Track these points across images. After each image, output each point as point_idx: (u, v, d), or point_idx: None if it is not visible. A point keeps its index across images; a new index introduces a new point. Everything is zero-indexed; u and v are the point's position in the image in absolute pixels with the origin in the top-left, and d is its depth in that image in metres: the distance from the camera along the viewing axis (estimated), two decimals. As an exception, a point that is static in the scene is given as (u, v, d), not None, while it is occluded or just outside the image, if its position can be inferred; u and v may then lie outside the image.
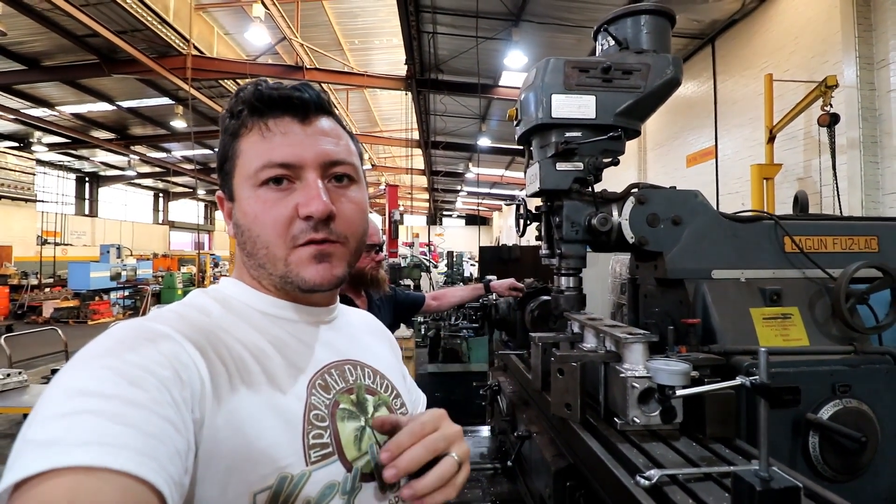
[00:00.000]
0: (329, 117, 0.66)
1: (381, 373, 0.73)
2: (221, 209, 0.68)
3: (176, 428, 0.44)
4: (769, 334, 1.31)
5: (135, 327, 0.52)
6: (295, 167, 0.60)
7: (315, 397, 0.60)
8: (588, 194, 1.41)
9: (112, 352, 0.47)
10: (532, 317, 1.93)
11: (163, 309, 0.60)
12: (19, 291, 13.20)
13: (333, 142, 0.64)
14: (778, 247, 1.42)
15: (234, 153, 0.63)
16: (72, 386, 0.43)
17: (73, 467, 0.37)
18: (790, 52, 6.48)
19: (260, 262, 0.62)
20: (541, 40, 8.19)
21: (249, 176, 0.61)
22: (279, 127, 0.61)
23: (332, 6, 10.11)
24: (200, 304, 0.62)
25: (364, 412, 0.65)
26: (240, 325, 0.61)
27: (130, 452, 0.39)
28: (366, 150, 17.54)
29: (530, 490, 1.39)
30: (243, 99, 0.63)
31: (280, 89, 0.62)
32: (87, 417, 0.40)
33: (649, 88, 1.38)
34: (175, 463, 0.43)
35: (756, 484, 0.64)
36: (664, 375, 0.87)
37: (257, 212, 0.60)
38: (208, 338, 0.56)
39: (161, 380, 0.46)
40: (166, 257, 20.10)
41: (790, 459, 1.15)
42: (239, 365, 0.56)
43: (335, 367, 0.66)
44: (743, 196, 7.15)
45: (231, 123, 0.64)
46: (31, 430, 0.40)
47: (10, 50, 9.80)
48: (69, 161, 19.49)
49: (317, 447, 0.57)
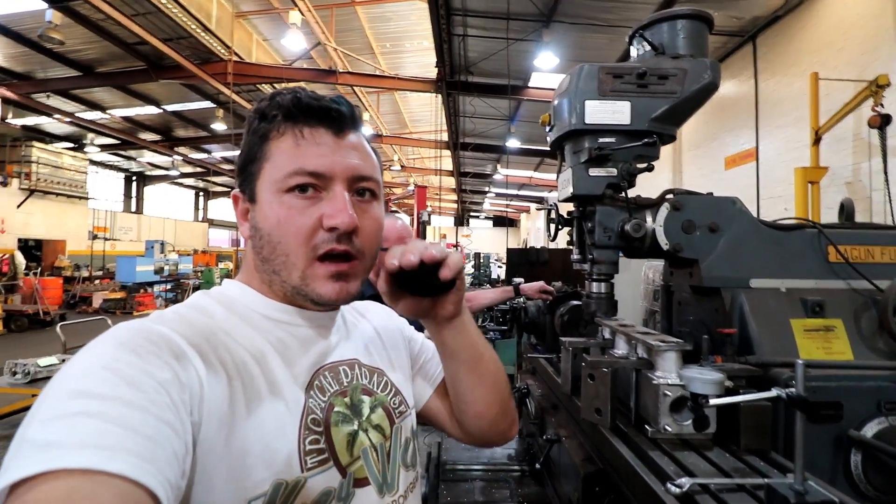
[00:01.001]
0: (359, 133, 0.66)
1: (380, 370, 0.73)
2: (235, 208, 0.67)
3: (174, 430, 0.44)
4: (810, 347, 1.27)
5: (135, 328, 0.51)
6: (324, 177, 0.60)
7: (312, 400, 0.60)
8: (621, 200, 1.40)
9: (112, 353, 0.46)
10: (562, 321, 1.93)
11: (165, 310, 0.60)
12: (72, 283, 14.08)
13: (362, 157, 0.64)
14: (821, 256, 1.37)
15: (262, 155, 0.62)
16: (71, 387, 0.42)
17: (70, 470, 0.37)
18: (838, 50, 6.16)
19: (275, 268, 0.61)
20: (572, 41, 8.08)
21: (277, 180, 0.60)
22: (314, 136, 0.61)
23: (365, 11, 10.28)
24: (203, 306, 0.62)
25: (358, 415, 0.65)
26: (242, 328, 0.60)
27: (127, 455, 0.39)
28: (395, 152, 17.74)
29: (558, 493, 1.39)
30: (279, 104, 0.62)
31: (320, 100, 0.62)
32: (85, 419, 0.40)
33: (686, 93, 1.37)
34: (172, 466, 0.42)
35: (790, 497, 0.64)
36: (698, 384, 0.87)
37: (281, 217, 0.60)
38: (209, 340, 0.55)
39: (160, 382, 0.46)
40: (205, 253, 20.96)
41: (831, 477, 1.11)
42: (240, 368, 0.55)
43: (329, 369, 0.65)
44: (786, 200, 6.85)
45: (262, 126, 0.63)
46: (30, 429, 0.40)
47: (68, 57, 10.44)
48: (118, 161, 20.58)
49: (313, 453, 0.57)
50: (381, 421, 0.67)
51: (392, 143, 16.16)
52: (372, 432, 0.65)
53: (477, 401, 0.75)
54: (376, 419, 0.67)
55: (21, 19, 9.09)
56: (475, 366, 0.74)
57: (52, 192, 14.02)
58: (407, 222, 2.08)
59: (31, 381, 4.31)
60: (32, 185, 13.18)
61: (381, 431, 0.67)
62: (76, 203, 15.43)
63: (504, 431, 0.81)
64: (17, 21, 9.19)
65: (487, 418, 0.77)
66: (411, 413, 0.75)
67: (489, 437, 0.81)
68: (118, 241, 19.36)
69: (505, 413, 0.79)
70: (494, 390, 0.76)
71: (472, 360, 0.73)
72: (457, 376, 0.75)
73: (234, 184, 0.68)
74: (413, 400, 0.77)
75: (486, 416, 0.77)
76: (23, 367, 4.35)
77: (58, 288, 12.65)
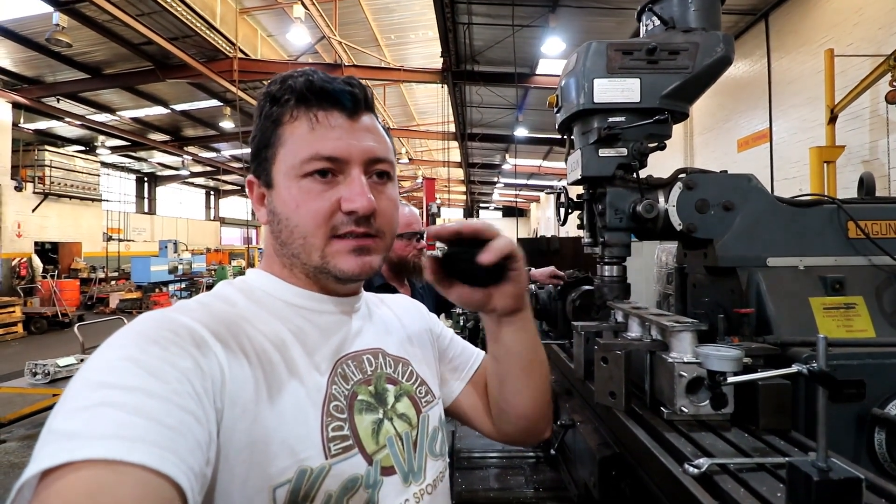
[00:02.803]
0: (372, 114, 0.66)
1: (405, 360, 0.72)
2: (250, 194, 0.67)
3: (197, 419, 0.44)
4: (831, 325, 1.24)
5: (157, 318, 0.51)
6: (341, 161, 0.60)
7: (335, 387, 0.60)
8: (633, 180, 1.37)
9: (133, 343, 0.47)
10: (573, 307, 1.91)
11: (189, 300, 0.60)
12: (89, 284, 14.35)
13: (377, 139, 0.64)
14: (841, 232, 1.33)
15: (276, 140, 0.61)
16: (94, 378, 0.43)
17: (93, 460, 0.37)
18: (853, 25, 5.98)
19: (294, 251, 0.62)
20: (579, 25, 7.95)
21: (294, 166, 0.60)
22: (328, 120, 0.61)
23: (369, 3, 10.22)
24: (225, 295, 0.62)
25: (383, 403, 0.64)
26: (262, 315, 0.60)
27: (149, 445, 0.39)
28: (403, 145, 17.71)
29: (574, 478, 1.39)
30: (292, 87, 0.61)
31: (333, 83, 0.62)
32: (108, 410, 0.40)
33: (698, 68, 1.33)
34: (196, 455, 0.42)
35: (813, 474, 0.62)
36: (715, 361, 0.85)
37: (299, 202, 0.60)
38: (230, 328, 0.55)
39: (182, 370, 0.46)
40: (218, 251, 21.19)
41: (854, 455, 1.09)
42: (260, 355, 0.55)
43: (353, 358, 0.64)
44: (801, 181, 6.71)
45: (274, 110, 0.62)
46: (56, 420, 0.40)
47: (76, 60, 10.54)
48: (129, 163, 20.84)
49: (336, 440, 0.56)
50: (406, 410, 0.66)
51: (399, 135, 16.11)
52: (397, 421, 0.64)
53: (523, 403, 0.74)
54: (402, 408, 0.66)
55: (28, 23, 9.18)
56: (529, 368, 0.72)
57: (65, 195, 14.22)
58: (416, 212, 2.07)
59: (52, 381, 4.41)
60: (46, 189, 13.38)
61: (408, 420, 0.66)
62: (90, 205, 15.64)
63: (541, 432, 0.80)
64: (24, 25, 9.29)
65: (530, 420, 0.76)
66: (438, 403, 0.73)
67: (525, 438, 0.80)
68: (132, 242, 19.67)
69: (546, 416, 0.78)
70: (541, 393, 0.75)
71: (527, 361, 0.72)
72: (507, 376, 0.73)
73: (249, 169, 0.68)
74: (439, 391, 0.75)
75: (530, 417, 0.75)
76: (43, 367, 4.45)
77: (75, 290, 12.90)
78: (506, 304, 0.67)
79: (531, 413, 0.75)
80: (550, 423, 0.82)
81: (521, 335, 0.71)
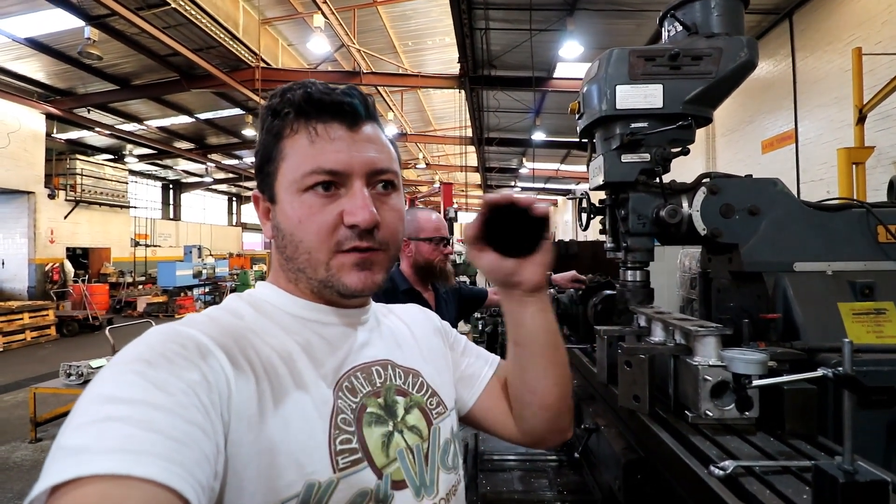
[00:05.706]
0: (374, 123, 0.65)
1: (415, 371, 0.70)
2: (256, 209, 0.67)
3: (204, 431, 0.44)
4: (860, 331, 1.22)
5: (164, 332, 0.51)
6: (342, 174, 0.59)
7: (342, 401, 0.59)
8: (656, 185, 1.38)
9: (141, 357, 0.47)
10: (595, 311, 1.91)
11: (198, 314, 0.60)
12: (117, 288, 14.81)
13: (379, 149, 0.63)
14: (870, 237, 1.32)
15: (277, 154, 0.61)
16: (102, 393, 0.43)
17: (100, 475, 0.37)
18: (882, 23, 5.81)
19: (299, 266, 0.61)
20: (597, 28, 7.91)
21: (295, 180, 0.59)
22: (328, 132, 0.60)
23: (387, 10, 10.36)
24: (234, 308, 0.62)
25: (393, 416, 0.63)
26: (270, 328, 0.60)
27: (156, 459, 0.39)
28: (420, 150, 17.82)
29: (598, 482, 1.39)
30: (290, 100, 0.60)
31: (331, 94, 0.61)
32: (115, 424, 0.40)
33: (722, 73, 1.33)
34: (203, 467, 0.42)
35: (839, 476, 0.62)
36: (740, 364, 0.86)
37: (301, 217, 0.59)
38: (238, 341, 0.55)
39: (188, 383, 0.46)
40: (240, 256, 21.61)
41: (884, 463, 1.08)
42: (267, 367, 0.55)
43: (361, 370, 0.64)
44: (828, 183, 6.53)
45: (275, 124, 0.62)
46: (64, 436, 0.40)
47: (106, 72, 10.96)
48: (156, 170, 21.47)
49: (345, 453, 0.55)
50: (416, 422, 0.65)
51: (417, 141, 16.24)
52: (408, 433, 0.63)
53: (546, 391, 0.73)
54: (412, 420, 0.65)
55: (61, 37, 9.58)
56: (552, 350, 0.73)
57: (96, 202, 14.73)
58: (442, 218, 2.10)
59: (85, 381, 4.58)
60: (78, 197, 13.90)
61: (418, 433, 0.65)
62: (119, 212, 16.16)
63: (564, 429, 0.79)
64: (57, 39, 9.70)
65: (554, 410, 0.75)
66: (451, 414, 0.72)
67: (548, 436, 0.78)
68: (158, 248, 20.21)
69: (569, 408, 0.78)
70: (563, 381, 0.75)
71: (548, 345, 0.72)
72: (528, 362, 0.73)
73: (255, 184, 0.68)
74: (453, 402, 0.74)
75: (553, 408, 0.74)
76: (76, 368, 4.63)
77: (104, 294, 13.30)
78: (534, 274, 0.68)
79: (554, 403, 0.74)
80: (573, 420, 0.81)
81: (543, 315, 0.71)
